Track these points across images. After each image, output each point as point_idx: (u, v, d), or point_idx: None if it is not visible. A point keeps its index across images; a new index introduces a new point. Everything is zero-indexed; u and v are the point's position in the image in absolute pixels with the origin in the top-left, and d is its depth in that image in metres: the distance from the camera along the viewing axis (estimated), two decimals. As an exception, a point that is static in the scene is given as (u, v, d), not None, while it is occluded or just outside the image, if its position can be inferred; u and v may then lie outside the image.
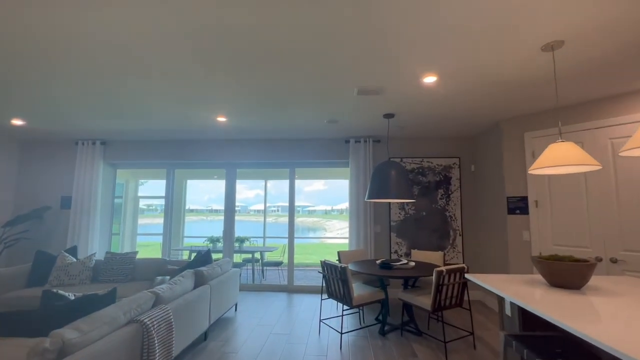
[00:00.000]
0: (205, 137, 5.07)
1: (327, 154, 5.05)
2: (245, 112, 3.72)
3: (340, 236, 15.94)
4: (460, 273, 3.04)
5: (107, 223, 5.41)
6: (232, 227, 5.31)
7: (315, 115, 3.86)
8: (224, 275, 3.69)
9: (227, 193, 5.36)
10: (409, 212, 4.81)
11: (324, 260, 3.40)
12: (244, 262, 6.52)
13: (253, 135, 4.92)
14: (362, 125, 4.28)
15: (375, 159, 4.99)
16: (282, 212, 33.23)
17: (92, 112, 3.80)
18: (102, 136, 5.06)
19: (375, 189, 3.58)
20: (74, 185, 5.11)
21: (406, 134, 4.71)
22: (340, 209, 39.90)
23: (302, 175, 8.26)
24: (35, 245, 5.21)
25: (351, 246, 4.81)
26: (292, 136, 4.93)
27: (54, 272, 3.71)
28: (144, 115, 3.91)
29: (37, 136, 5.11)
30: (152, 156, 5.25)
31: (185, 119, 4.04)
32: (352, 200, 4.85)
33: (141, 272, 4.02)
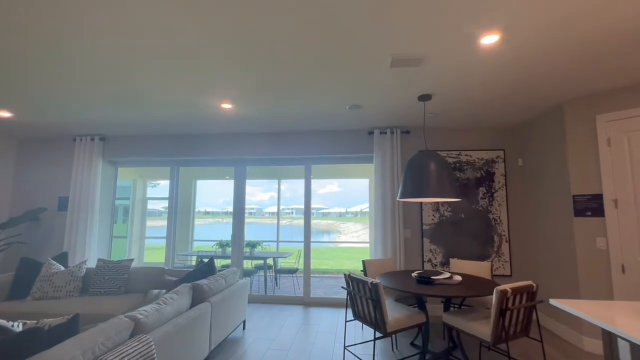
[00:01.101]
0: (211, 131, 4.56)
1: (348, 147, 4.43)
2: (254, 96, 3.15)
3: (360, 240, 15.09)
4: (529, 294, 2.35)
5: (107, 226, 4.97)
6: (242, 231, 4.76)
7: (336, 99, 3.25)
8: (230, 288, 3.12)
9: (236, 193, 4.82)
10: (444, 214, 4.12)
11: (349, 274, 2.77)
12: (255, 269, 5.96)
13: (263, 128, 4.36)
14: (390, 111, 3.64)
15: (404, 152, 4.33)
16: (297, 214, 32.75)
17: (86, 100, 3.33)
18: (101, 131, 4.62)
19: (410, 187, 2.93)
20: (71, 185, 4.69)
21: (441, 123, 4.03)
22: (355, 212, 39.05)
23: (317, 174, 7.66)
24: (31, 251, 4.81)
25: (375, 254, 4.15)
26: (307, 127, 4.34)
27: (37, 283, 3.24)
28: (144, 103, 3.41)
29: (34, 133, 4.73)
30: (155, 153, 4.78)
31: (187, 106, 3.51)
32: (376, 200, 4.21)
33: (136, 282, 3.50)
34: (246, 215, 12.64)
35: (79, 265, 3.47)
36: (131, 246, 7.72)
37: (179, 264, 5.92)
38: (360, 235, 26.66)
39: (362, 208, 41.84)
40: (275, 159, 4.72)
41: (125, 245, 7.70)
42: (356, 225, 32.91)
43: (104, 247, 4.92)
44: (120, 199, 8.13)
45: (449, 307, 2.89)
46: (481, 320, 2.46)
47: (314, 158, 4.67)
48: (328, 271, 8.16)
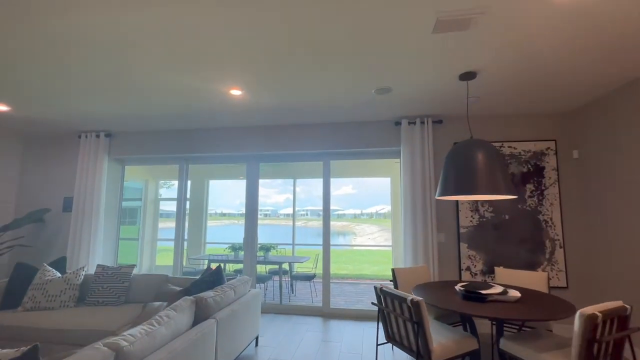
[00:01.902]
0: (220, 125, 4.18)
1: (371, 141, 3.95)
2: (266, 78, 2.73)
3: (381, 244, 14.36)
4: (621, 319, 1.81)
5: (113, 228, 4.68)
6: (255, 234, 4.35)
7: (361, 80, 2.79)
8: (240, 301, 2.70)
9: (249, 193, 4.43)
10: (484, 216, 3.57)
11: (380, 287, 2.30)
12: (269, 274, 5.56)
13: (277, 120, 3.94)
14: (423, 96, 3.14)
15: (437, 145, 3.81)
16: (312, 215, 32.37)
17: (87, 89, 3.00)
18: (106, 126, 4.33)
19: (453, 182, 2.43)
20: (75, 185, 4.42)
21: (481, 109, 3.50)
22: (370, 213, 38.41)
23: (334, 173, 7.17)
24: (35, 254, 4.57)
25: (405, 260, 3.65)
26: (326, 118, 3.89)
27: (29, 292, 2.93)
28: (147, 90, 3.05)
29: (38, 130, 4.50)
30: (163, 149, 4.45)
31: (194, 94, 3.13)
32: (405, 200, 3.71)
33: (138, 291, 3.14)
34: (261, 216, 12.14)
35: (76, 272, 3.14)
36: (143, 248, 7.49)
37: (189, 269, 5.59)
38: (376, 238, 25.97)
39: (377, 209, 40.98)
40: (290, 154, 4.29)
41: (137, 247, 7.48)
42: (372, 227, 32.20)
43: (110, 251, 4.63)
44: (132, 199, 7.95)
45: (503, 329, 2.36)
46: (554, 350, 1.93)
47: (332, 153, 4.21)
48: (347, 276, 7.67)
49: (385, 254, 10.91)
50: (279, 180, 26.59)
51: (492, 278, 3.48)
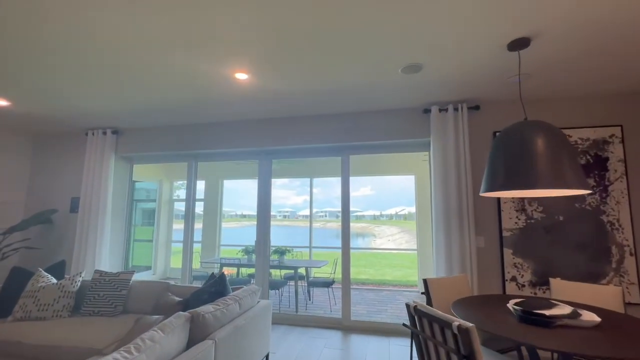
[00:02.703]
0: (229, 118, 3.85)
1: (395, 132, 3.49)
2: (274, 57, 2.35)
3: (405, 248, 13.65)
4: None
5: (120, 230, 4.45)
6: (267, 236, 3.99)
7: (387, 55, 2.35)
8: (246, 315, 2.33)
9: (261, 191, 4.07)
10: (533, 216, 3.03)
11: (415, 305, 1.84)
12: (284, 279, 5.18)
13: (289, 111, 3.56)
14: (459, 73, 2.66)
15: (473, 135, 3.29)
16: (330, 217, 32.01)
17: (87, 80, 2.74)
18: (112, 123, 4.11)
19: (503, 174, 1.94)
20: (82, 184, 4.23)
21: (529, 90, 2.97)
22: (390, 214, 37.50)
23: (352, 171, 6.68)
24: (43, 257, 4.42)
25: (437, 268, 3.16)
26: (344, 107, 3.47)
27: (20, 300, 2.68)
28: (144, 78, 2.76)
29: (47, 128, 4.35)
30: (171, 146, 4.17)
31: (196, 79, 2.80)
32: (436, 198, 3.22)
33: (136, 301, 2.84)
34: (280, 218, 11.85)
35: (72, 278, 2.88)
36: (157, 250, 7.33)
37: (201, 272, 5.32)
38: (397, 239, 25.22)
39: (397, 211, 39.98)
40: (306, 149, 3.90)
41: (151, 249, 7.34)
42: (392, 228, 31.47)
43: (117, 254, 4.40)
44: (147, 201, 7.84)
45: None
46: (661, 400, 1.41)
47: (352, 147, 3.78)
48: (368, 282, 7.19)
49: (407, 258, 10.31)
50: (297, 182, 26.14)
51: (545, 291, 2.93)
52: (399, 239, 25.98)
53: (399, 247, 15.08)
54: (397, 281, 7.12)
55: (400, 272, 7.98)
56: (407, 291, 6.00)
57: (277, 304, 4.90)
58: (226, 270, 6.61)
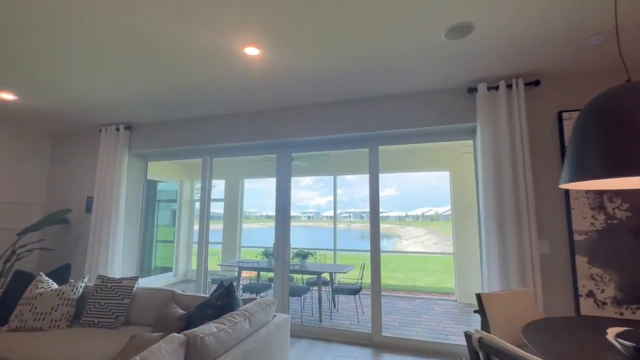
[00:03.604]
0: (244, 109, 3.50)
1: (432, 117, 2.97)
2: (292, 29, 1.94)
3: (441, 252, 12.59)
4: None
5: (134, 230, 4.23)
6: (287, 239, 3.59)
7: (427, 16, 1.87)
8: (258, 334, 1.93)
9: (279, 188, 3.69)
10: (615, 216, 2.41)
11: (479, 337, 1.34)
12: (307, 285, 4.77)
13: (309, 97, 3.14)
14: (519, 35, 2.11)
15: (532, 117, 2.71)
16: (354, 218, 31.38)
17: (89, 67, 2.49)
18: (124, 117, 3.90)
19: (598, 158, 1.40)
20: (95, 183, 4.05)
21: (600, 57, 2.36)
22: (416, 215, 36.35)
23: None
24: (59, 259, 4.30)
25: (489, 279, 2.60)
26: (373, 90, 3.01)
27: (17, 308, 2.45)
28: (144, 59, 2.45)
29: (64, 126, 4.23)
30: (185, 140, 3.89)
31: (199, 56, 2.46)
32: (486, 193, 2.67)
33: (139, 310, 2.53)
34: (304, 219, 11.30)
35: (74, 284, 2.62)
36: (179, 252, 7.19)
37: (219, 276, 5.03)
38: (424, 241, 24.14)
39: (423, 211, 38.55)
40: (329, 140, 3.46)
41: (172, 250, 7.20)
42: (418, 230, 30.31)
43: (131, 256, 4.18)
44: (167, 201, 7.74)
45: None
46: None
47: (381, 136, 3.30)
48: (398, 288, 6.62)
49: (439, 261, 9.59)
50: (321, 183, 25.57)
51: (634, 311, 2.30)
52: (427, 240, 24.86)
53: (429, 249, 14.24)
54: (431, 288, 6.50)
55: (432, 277, 7.32)
56: (442, 299, 5.39)
57: (299, 312, 4.50)
58: (246, 273, 6.32)
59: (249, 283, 4.85)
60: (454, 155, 5.32)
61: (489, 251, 2.62)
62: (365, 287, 5.21)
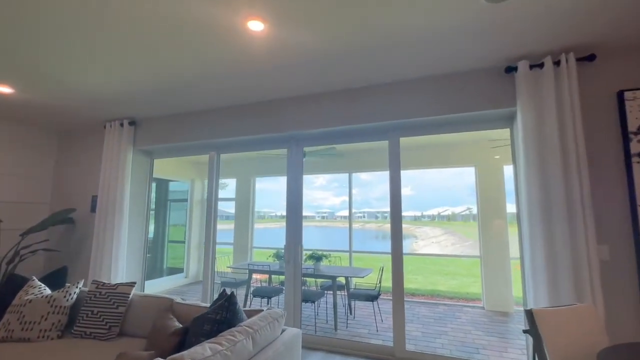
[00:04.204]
0: (252, 98, 3.23)
1: (462, 102, 2.59)
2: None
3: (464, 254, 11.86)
4: None
5: (140, 231, 4.04)
6: (299, 240, 3.29)
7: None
8: (264, 355, 1.63)
9: (291, 186, 3.39)
10: (695, 215, 1.97)
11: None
12: (322, 289, 4.47)
13: (321, 84, 2.83)
14: (575, 0, 1.73)
15: (584, 97, 2.30)
16: (369, 218, 30.83)
17: (77, 52, 2.27)
18: (127, 112, 3.71)
19: None
20: (99, 181, 3.88)
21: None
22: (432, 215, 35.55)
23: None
24: (64, 260, 4.15)
25: (535, 289, 2.21)
26: (395, 73, 2.66)
27: (5, 316, 2.25)
28: (139, 40, 2.21)
29: (68, 122, 4.08)
30: (191, 135, 3.65)
31: (197, 33, 2.18)
32: (529, 190, 2.28)
33: (135, 320, 2.28)
34: (318, 218, 10.82)
35: (67, 290, 2.40)
36: (190, 253, 7.03)
37: (229, 279, 4.79)
38: (441, 242, 23.41)
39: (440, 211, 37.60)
40: (343, 131, 3.14)
41: (184, 251, 7.05)
42: (434, 230, 29.51)
43: (134, 260, 3.98)
44: (179, 200, 7.59)
45: None
46: None
47: (402, 126, 2.95)
48: (418, 292, 6.20)
49: (461, 263, 9.07)
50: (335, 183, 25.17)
51: None
52: (444, 241, 24.10)
53: (449, 251, 13.63)
54: (454, 293, 6.06)
55: (455, 281, 6.86)
56: (468, 306, 4.97)
57: (312, 319, 4.20)
58: (258, 275, 6.07)
59: (259, 286, 4.58)
60: (480, 149, 4.88)
61: (533, 257, 2.23)
62: (384, 291, 4.86)
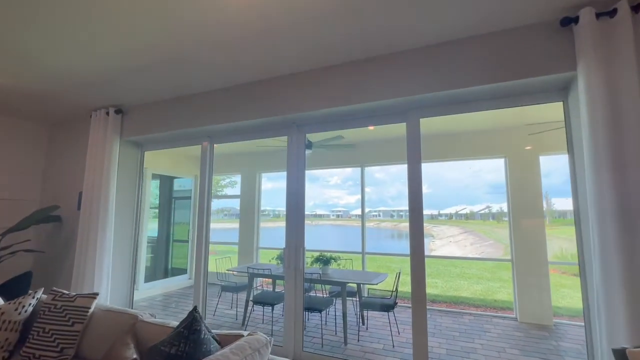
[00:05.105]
0: (245, 78, 2.78)
1: (504, 67, 2.04)
2: None
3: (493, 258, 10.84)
4: None
5: (128, 231, 3.66)
6: (300, 241, 2.82)
7: None
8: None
9: (291, 180, 2.92)
10: None
11: None
12: (330, 297, 3.99)
13: (325, 57, 2.34)
14: None
15: (676, 52, 1.71)
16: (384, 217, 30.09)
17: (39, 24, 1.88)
18: (114, 98, 3.35)
19: None
20: (85, 176, 3.53)
21: None
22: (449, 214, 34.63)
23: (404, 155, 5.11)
24: (49, 262, 3.84)
25: (608, 309, 1.65)
26: (416, 36, 2.14)
27: (-57, 332, 1.88)
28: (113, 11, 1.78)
29: (55, 112, 3.77)
30: (183, 122, 3.24)
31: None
32: (595, 178, 1.72)
33: (94, 340, 1.87)
34: (333, 217, 10.17)
35: (19, 302, 2.02)
36: (194, 252, 6.68)
37: (230, 283, 4.38)
38: (459, 241, 22.51)
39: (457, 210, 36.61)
40: (352, 112, 2.63)
41: (187, 251, 6.71)
42: (452, 229, 28.53)
43: (123, 260, 3.61)
44: (184, 198, 7.27)
45: None
46: None
47: (424, 103, 2.41)
48: (438, 298, 5.61)
49: (484, 266, 8.39)
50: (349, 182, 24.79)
51: None
52: (462, 240, 23.16)
53: (469, 252, 12.82)
54: (480, 300, 5.44)
55: (479, 285, 6.21)
56: (497, 316, 4.36)
57: (319, 329, 3.72)
58: (263, 281, 5.65)
59: (261, 292, 4.15)
60: (512, 137, 4.26)
61: (605, 266, 1.67)
62: (401, 297, 4.32)
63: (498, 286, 6.28)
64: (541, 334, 3.66)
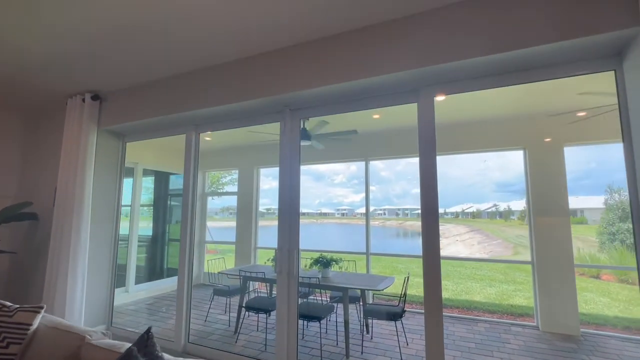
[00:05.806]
0: (232, 55, 2.41)
1: (536, 28, 1.63)
2: None
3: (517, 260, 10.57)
4: None
5: (107, 231, 3.33)
6: (294, 245, 2.45)
7: None
8: None
9: (284, 173, 2.55)
10: None
11: None
12: (331, 304, 3.62)
13: (321, 26, 1.96)
14: None
15: None
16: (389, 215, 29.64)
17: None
18: (90, 84, 3.01)
19: None
20: (59, 169, 3.20)
21: None
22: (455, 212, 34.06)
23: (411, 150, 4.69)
24: (23, 264, 3.53)
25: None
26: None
27: None
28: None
29: (31, 100, 3.45)
30: (163, 108, 2.89)
31: None
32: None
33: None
34: (338, 216, 9.98)
35: (-49, 314, 1.67)
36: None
37: (221, 285, 4.03)
38: (466, 240, 21.98)
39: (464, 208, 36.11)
40: (352, 91, 2.25)
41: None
42: (458, 227, 28.01)
43: (102, 263, 3.27)
44: (180, 195, 6.96)
45: None
46: None
47: (439, 76, 2.02)
48: (449, 303, 5.20)
49: (495, 267, 7.94)
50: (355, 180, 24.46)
51: None
52: (469, 239, 22.62)
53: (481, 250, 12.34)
54: (495, 305, 5.02)
55: (493, 288, 5.78)
56: (516, 324, 3.95)
57: (318, 339, 3.36)
58: (259, 285, 5.29)
59: (255, 297, 3.79)
60: (535, 126, 3.84)
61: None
62: (409, 300, 3.94)
63: (513, 289, 5.85)
64: (569, 346, 3.25)
